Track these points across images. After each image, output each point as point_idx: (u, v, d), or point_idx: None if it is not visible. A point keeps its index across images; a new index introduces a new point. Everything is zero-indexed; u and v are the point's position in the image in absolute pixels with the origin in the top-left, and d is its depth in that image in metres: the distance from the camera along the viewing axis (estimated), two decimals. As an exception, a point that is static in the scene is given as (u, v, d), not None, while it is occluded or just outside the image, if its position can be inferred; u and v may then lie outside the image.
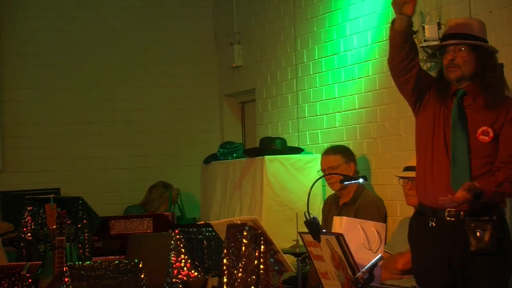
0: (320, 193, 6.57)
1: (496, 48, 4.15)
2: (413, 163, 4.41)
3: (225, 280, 4.12)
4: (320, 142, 6.88)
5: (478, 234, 3.91)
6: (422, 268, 4.18)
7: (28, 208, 6.27)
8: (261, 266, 3.98)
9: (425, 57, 5.25)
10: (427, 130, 4.14)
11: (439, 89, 4.12)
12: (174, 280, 4.78)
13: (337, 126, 6.68)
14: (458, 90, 4.07)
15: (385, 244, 4.25)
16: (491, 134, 3.98)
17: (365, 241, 3.90)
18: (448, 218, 3.99)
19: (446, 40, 4.09)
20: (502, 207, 4.05)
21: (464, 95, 4.05)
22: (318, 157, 6.23)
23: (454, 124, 4.04)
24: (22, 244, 6.25)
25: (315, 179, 4.37)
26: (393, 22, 3.99)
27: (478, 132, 3.99)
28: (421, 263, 4.18)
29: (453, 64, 4.03)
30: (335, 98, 6.69)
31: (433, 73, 4.31)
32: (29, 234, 6.24)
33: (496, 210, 3.99)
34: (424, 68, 5.18)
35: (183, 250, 4.80)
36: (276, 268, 4.08)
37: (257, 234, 4.03)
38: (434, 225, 4.07)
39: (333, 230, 3.91)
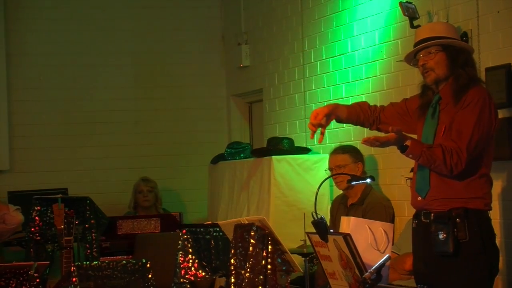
0: (328, 193, 6.57)
1: (470, 46, 4.12)
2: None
3: (232, 280, 4.12)
4: (327, 142, 6.87)
5: (440, 236, 3.91)
6: (414, 268, 4.24)
7: (36, 208, 6.28)
8: (269, 266, 3.98)
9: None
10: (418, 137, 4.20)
11: (421, 101, 4.16)
12: (181, 280, 4.79)
13: (344, 126, 6.66)
14: (435, 95, 4.10)
15: (392, 244, 4.25)
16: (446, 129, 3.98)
17: (372, 241, 3.90)
18: (423, 220, 4.04)
19: (414, 48, 4.14)
20: (478, 210, 3.95)
21: (439, 99, 4.08)
22: (325, 157, 6.22)
23: (425, 127, 4.09)
24: (30, 244, 6.27)
25: (323, 179, 4.37)
26: None
27: (441, 132, 4.01)
28: (414, 263, 4.25)
29: (426, 68, 4.06)
30: (343, 98, 6.67)
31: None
32: (37, 234, 6.25)
33: (462, 212, 3.92)
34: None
35: (190, 250, 4.81)
36: (284, 268, 4.08)
37: (265, 234, 4.03)
38: (415, 226, 4.15)
39: (340, 230, 3.91)
